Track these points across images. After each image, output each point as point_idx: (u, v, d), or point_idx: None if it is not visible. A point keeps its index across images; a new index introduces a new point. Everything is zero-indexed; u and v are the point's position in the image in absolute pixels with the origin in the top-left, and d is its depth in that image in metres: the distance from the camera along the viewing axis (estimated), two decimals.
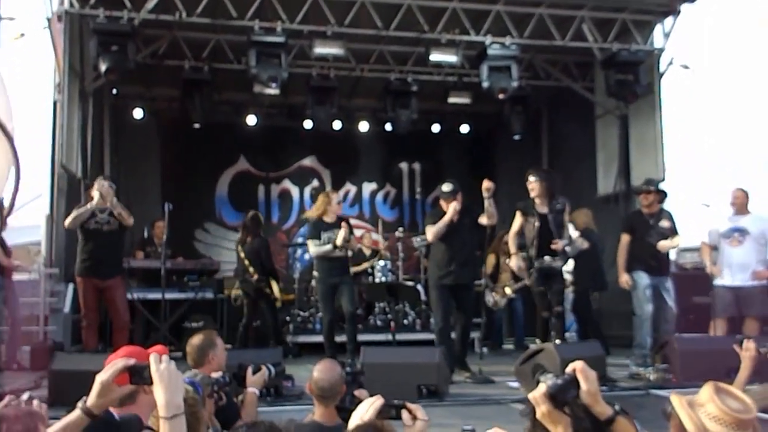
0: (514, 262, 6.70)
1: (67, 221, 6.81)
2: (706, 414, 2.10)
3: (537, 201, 6.61)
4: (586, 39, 9.15)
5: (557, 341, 6.28)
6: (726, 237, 7.09)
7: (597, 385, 2.04)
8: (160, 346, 3.26)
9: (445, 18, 8.81)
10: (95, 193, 6.68)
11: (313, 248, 7.25)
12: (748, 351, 3.83)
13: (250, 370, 3.67)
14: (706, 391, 2.16)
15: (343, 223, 7.13)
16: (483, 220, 6.66)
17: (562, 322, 6.82)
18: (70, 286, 7.59)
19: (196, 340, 3.77)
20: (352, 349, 6.82)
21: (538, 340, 6.61)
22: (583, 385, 2.00)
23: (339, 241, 6.96)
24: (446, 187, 6.78)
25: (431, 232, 6.72)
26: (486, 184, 6.44)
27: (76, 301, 7.25)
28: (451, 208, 6.59)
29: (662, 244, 6.93)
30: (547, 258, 6.52)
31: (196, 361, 3.70)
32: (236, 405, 3.41)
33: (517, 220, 6.73)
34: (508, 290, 8.45)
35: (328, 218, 7.26)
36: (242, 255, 8.13)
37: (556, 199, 6.62)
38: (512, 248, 6.76)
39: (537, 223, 6.52)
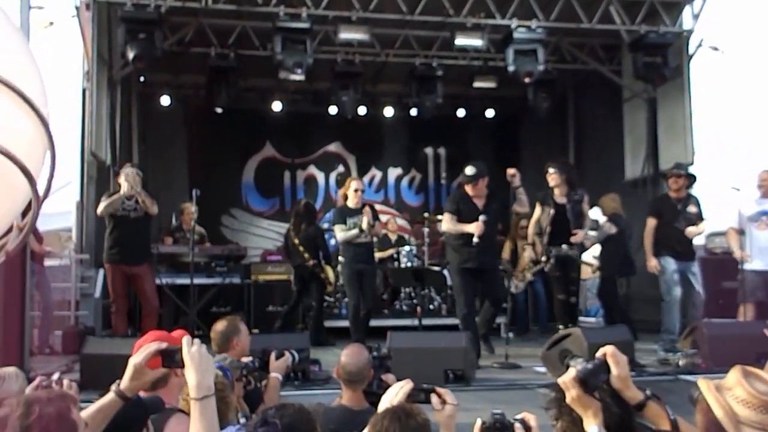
0: (527, 253, 7.08)
1: (100, 208, 6.91)
2: (734, 398, 2.08)
3: (556, 191, 6.82)
4: (613, 21, 9.01)
5: (570, 325, 6.50)
6: (753, 220, 6.98)
7: (627, 369, 2.04)
8: (182, 330, 3.32)
9: (471, 2, 8.73)
10: (122, 181, 6.77)
11: (340, 234, 7.33)
12: None
13: (273, 355, 3.70)
14: (734, 375, 2.14)
15: (366, 209, 7.26)
16: (517, 207, 6.74)
17: (575, 310, 7.08)
18: (101, 272, 7.71)
19: (220, 326, 3.81)
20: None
21: (561, 325, 6.71)
22: (614, 370, 2.00)
23: (365, 226, 7.10)
24: (469, 170, 6.60)
25: (447, 223, 6.65)
26: (510, 171, 6.45)
27: (106, 287, 7.36)
28: (475, 228, 6.39)
29: (690, 230, 6.87)
30: (564, 246, 6.76)
31: (220, 346, 3.75)
32: (260, 390, 3.45)
33: (537, 211, 6.94)
34: (527, 274, 8.43)
35: (352, 204, 7.37)
36: (296, 242, 8.17)
37: (575, 190, 6.81)
38: (530, 237, 7.03)
39: (552, 212, 6.73)
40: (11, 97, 0.97)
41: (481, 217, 6.39)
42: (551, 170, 6.84)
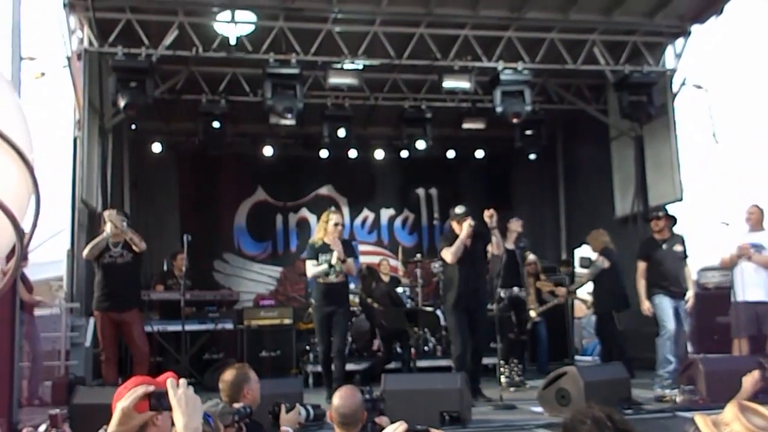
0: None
1: (85, 252, 6.88)
2: None
3: (509, 238, 7.54)
4: (597, 62, 9.19)
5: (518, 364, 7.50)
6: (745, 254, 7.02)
7: None
8: (170, 372, 3.28)
9: (457, 45, 8.91)
10: (108, 225, 6.75)
11: (310, 270, 6.93)
12: (752, 377, 3.88)
13: (283, 408, 3.62)
14: (731, 410, 2.13)
15: (336, 242, 6.79)
16: (491, 248, 6.75)
17: (522, 347, 7.84)
18: (91, 321, 7.62)
19: (229, 375, 3.73)
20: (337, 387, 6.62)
21: (511, 362, 7.53)
22: None
23: (334, 261, 6.69)
24: (459, 209, 6.79)
25: (450, 252, 6.64)
26: (488, 212, 6.50)
27: (96, 336, 7.28)
28: (466, 226, 6.54)
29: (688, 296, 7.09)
30: (515, 288, 7.50)
31: (231, 396, 3.65)
32: None
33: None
34: (532, 313, 8.44)
35: (329, 239, 6.86)
36: (369, 301, 8.58)
37: (520, 239, 7.74)
38: None
39: (505, 257, 7.17)
40: None
41: (459, 209, 6.74)
42: (516, 220, 7.85)
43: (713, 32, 9.12)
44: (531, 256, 8.87)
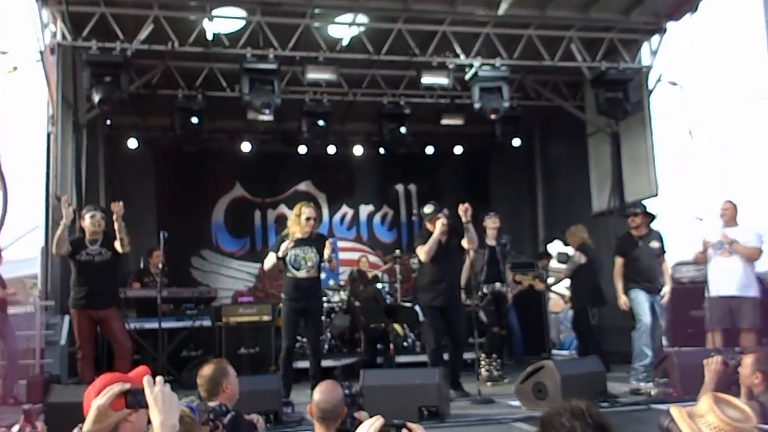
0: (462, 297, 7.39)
1: (53, 249, 6.76)
2: (707, 424, 2.11)
3: (489, 234, 7.60)
4: (574, 59, 9.25)
5: (496, 357, 7.66)
6: (717, 248, 7.15)
7: None
8: (143, 367, 3.24)
9: (436, 41, 8.91)
10: (86, 221, 6.66)
11: (267, 261, 6.72)
12: (712, 364, 3.95)
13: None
14: (706, 402, 2.17)
15: (329, 241, 6.59)
16: (464, 243, 6.64)
17: (502, 342, 7.97)
18: (66, 318, 7.52)
19: (207, 370, 3.69)
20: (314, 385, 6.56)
21: (493, 355, 7.65)
22: None
23: (281, 253, 6.47)
24: (428, 209, 6.79)
25: (423, 251, 6.65)
26: (462, 207, 6.47)
27: (72, 334, 7.19)
28: (439, 224, 6.56)
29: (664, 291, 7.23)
30: (497, 284, 7.56)
31: (210, 391, 3.63)
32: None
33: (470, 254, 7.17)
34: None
35: (301, 232, 6.56)
36: (357, 304, 8.80)
37: (501, 235, 7.73)
38: (463, 281, 7.32)
39: (487, 255, 7.47)
40: None
41: (428, 208, 6.79)
42: (493, 215, 7.77)
43: (688, 29, 9.23)
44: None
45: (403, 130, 10.15)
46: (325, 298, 9.06)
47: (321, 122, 9.80)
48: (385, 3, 8.60)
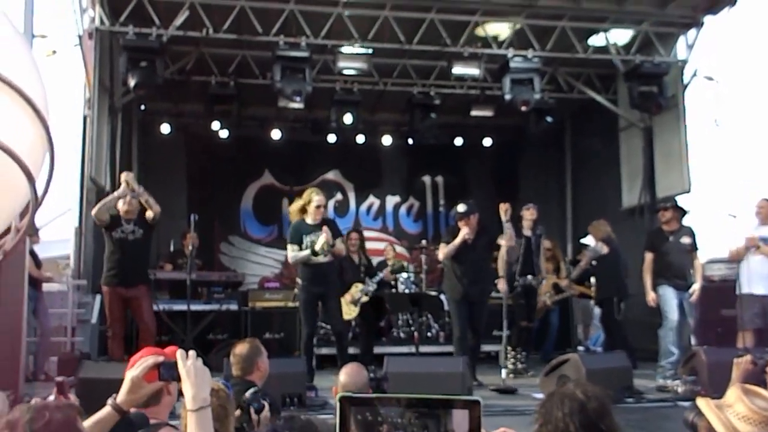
0: (501, 286, 7.21)
1: (94, 210, 6.91)
2: (735, 414, 2.09)
3: (525, 225, 7.54)
4: (608, 51, 9.14)
5: (523, 352, 7.56)
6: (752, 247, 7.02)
7: None
8: (175, 347, 3.30)
9: (467, 32, 8.87)
10: (119, 202, 6.81)
11: (291, 254, 6.64)
12: (741, 363, 3.90)
13: (252, 410, 3.55)
14: (734, 392, 2.16)
15: (325, 228, 6.45)
16: (502, 241, 6.89)
17: (529, 335, 7.90)
18: (98, 298, 7.69)
19: (241, 348, 3.75)
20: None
21: (518, 349, 7.56)
22: None
23: (318, 247, 6.39)
24: (461, 208, 6.88)
25: (442, 252, 6.92)
26: (503, 206, 6.77)
27: (103, 313, 7.35)
28: (462, 234, 6.69)
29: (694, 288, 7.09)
30: (529, 276, 7.51)
31: (244, 369, 3.69)
32: None
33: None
34: (548, 301, 8.52)
35: (311, 220, 6.55)
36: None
37: (536, 226, 7.65)
38: (501, 270, 7.24)
39: (522, 246, 7.40)
40: (13, 97, 0.99)
41: (461, 207, 6.81)
42: (531, 206, 7.68)
43: (727, 24, 9.06)
44: (547, 242, 8.91)
45: (432, 120, 10.13)
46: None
47: (349, 116, 9.80)
48: None
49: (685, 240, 7.16)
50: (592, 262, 8.12)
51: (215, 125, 10.41)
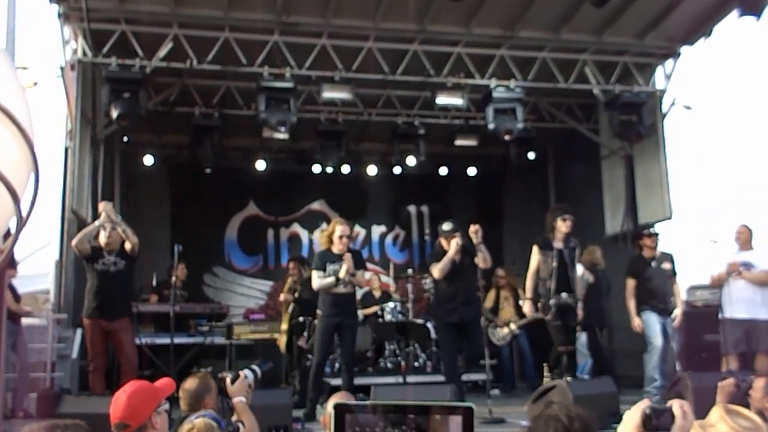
0: (528, 308, 6.74)
1: (75, 240, 6.81)
2: None
3: (557, 236, 6.75)
4: (588, 81, 9.29)
5: (568, 378, 6.39)
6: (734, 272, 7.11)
7: (690, 427, 2.02)
8: (168, 378, 3.26)
9: (451, 62, 8.98)
10: (100, 233, 6.74)
11: (316, 281, 6.71)
12: (725, 387, 3.94)
13: (228, 379, 3.52)
14: (717, 412, 2.17)
15: (347, 255, 6.56)
16: (479, 263, 6.67)
17: (573, 359, 6.90)
18: (78, 332, 7.56)
19: (190, 384, 3.67)
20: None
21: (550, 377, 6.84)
22: (679, 420, 1.99)
23: (342, 274, 6.50)
24: (446, 226, 6.87)
25: (437, 269, 6.75)
26: (473, 228, 6.55)
27: (83, 347, 7.22)
28: (454, 244, 6.65)
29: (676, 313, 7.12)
30: (564, 294, 6.67)
31: (192, 405, 3.59)
32: None
33: (536, 257, 6.74)
34: (513, 326, 8.45)
35: (336, 249, 6.67)
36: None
37: (569, 239, 6.82)
38: (529, 291, 6.75)
39: (555, 259, 6.64)
40: None
41: (446, 225, 6.71)
42: (568, 217, 6.79)
43: (703, 54, 9.26)
44: (499, 271, 8.94)
45: (417, 150, 10.19)
46: None
47: (335, 144, 9.88)
48: (400, 24, 8.69)
49: (666, 266, 7.28)
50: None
51: (199, 156, 10.38)
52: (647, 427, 1.93)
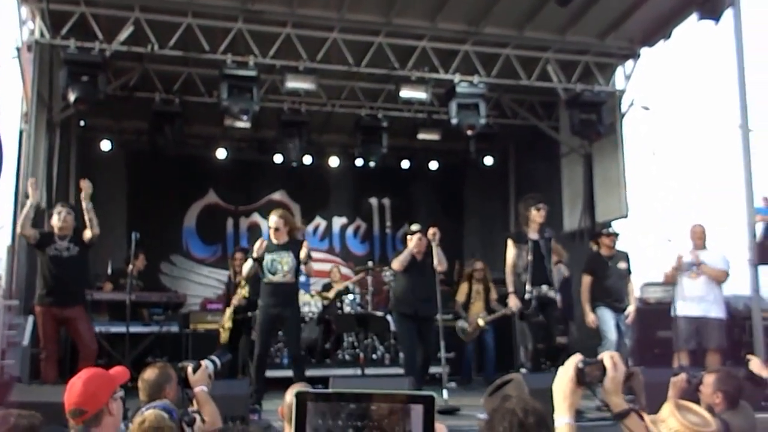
0: (513, 303, 6.60)
1: (18, 227, 6.66)
2: (668, 429, 2.17)
3: (531, 227, 6.60)
4: (550, 79, 9.41)
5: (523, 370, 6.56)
6: (685, 269, 7.31)
7: (622, 377, 2.07)
8: (122, 367, 3.21)
9: (415, 56, 9.00)
10: (53, 218, 6.59)
11: (244, 267, 6.73)
12: (677, 382, 4.04)
13: (189, 369, 3.51)
14: (667, 408, 2.23)
15: (261, 238, 6.51)
16: (436, 265, 6.67)
17: (563, 352, 6.80)
18: (30, 319, 7.37)
19: (151, 374, 3.61)
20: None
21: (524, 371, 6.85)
22: (610, 371, 2.04)
23: (255, 254, 6.36)
24: (414, 227, 7.00)
25: (397, 260, 6.89)
26: (431, 230, 6.60)
27: (35, 335, 7.05)
28: (415, 239, 6.77)
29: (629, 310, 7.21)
30: (544, 287, 6.51)
31: (152, 395, 3.53)
32: None
33: (512, 251, 6.66)
34: (481, 322, 8.53)
35: (275, 239, 6.49)
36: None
37: (544, 228, 6.69)
38: (510, 285, 6.61)
39: (530, 251, 6.47)
40: None
41: (414, 226, 6.78)
42: (542, 207, 6.63)
43: (662, 56, 9.46)
44: (478, 264, 9.02)
45: (379, 143, 10.20)
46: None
47: (298, 133, 9.82)
48: (366, 16, 8.67)
49: (622, 265, 7.39)
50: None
51: (158, 142, 10.19)
52: (581, 380, 1.99)
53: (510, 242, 6.73)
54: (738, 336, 8.34)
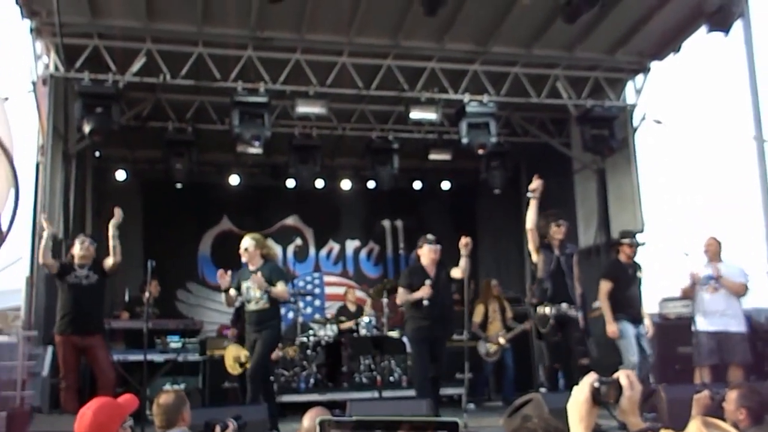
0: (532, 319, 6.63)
1: (39, 257, 6.73)
2: None
3: (554, 243, 6.46)
4: (560, 96, 9.42)
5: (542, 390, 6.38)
6: (704, 283, 7.20)
7: (638, 396, 2.04)
8: (131, 395, 3.22)
9: (424, 77, 9.06)
10: (75, 247, 6.66)
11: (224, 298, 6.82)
12: (700, 399, 3.98)
13: (218, 428, 3.60)
14: (694, 424, 2.20)
15: (255, 276, 6.42)
16: (455, 273, 6.72)
17: (585, 373, 6.68)
18: (49, 349, 7.42)
19: (166, 399, 3.68)
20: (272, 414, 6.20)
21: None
22: (627, 390, 2.00)
23: (253, 291, 6.44)
24: (431, 236, 7.00)
25: (399, 299, 6.89)
26: (464, 240, 6.58)
27: (55, 365, 7.08)
28: (423, 291, 6.64)
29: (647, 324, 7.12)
30: (563, 305, 6.31)
31: (170, 420, 3.60)
32: None
33: (537, 255, 6.49)
34: (501, 340, 8.48)
35: (250, 265, 6.62)
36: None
37: (565, 245, 6.58)
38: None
39: (553, 266, 6.33)
40: None
41: (427, 281, 6.61)
42: (561, 222, 6.53)
43: (672, 69, 9.46)
44: (494, 281, 8.98)
45: (391, 165, 10.23)
46: (311, 332, 9.09)
47: (309, 157, 9.88)
48: (374, 39, 8.74)
49: (638, 275, 7.28)
50: None
51: (172, 171, 10.29)
52: (596, 400, 1.96)
53: (537, 253, 6.48)
54: (761, 349, 8.20)
